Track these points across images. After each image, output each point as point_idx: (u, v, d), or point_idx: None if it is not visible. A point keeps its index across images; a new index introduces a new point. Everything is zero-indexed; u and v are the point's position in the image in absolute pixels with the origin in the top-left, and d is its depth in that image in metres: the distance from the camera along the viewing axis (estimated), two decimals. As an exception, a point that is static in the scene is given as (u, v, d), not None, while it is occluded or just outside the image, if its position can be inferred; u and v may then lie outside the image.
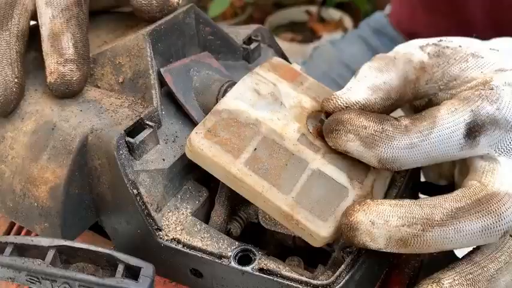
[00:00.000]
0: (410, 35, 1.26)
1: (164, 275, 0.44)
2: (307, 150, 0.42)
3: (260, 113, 0.43)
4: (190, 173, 0.44)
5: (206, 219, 0.44)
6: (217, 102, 0.44)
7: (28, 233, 0.50)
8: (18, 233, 0.50)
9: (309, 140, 0.43)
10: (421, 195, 0.53)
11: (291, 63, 0.59)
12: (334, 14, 2.46)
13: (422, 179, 0.53)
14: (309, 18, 2.46)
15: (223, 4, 2.09)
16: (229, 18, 2.41)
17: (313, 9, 2.47)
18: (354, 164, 0.42)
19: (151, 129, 0.41)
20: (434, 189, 0.51)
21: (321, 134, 0.44)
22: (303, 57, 1.70)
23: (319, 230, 0.39)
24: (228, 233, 0.44)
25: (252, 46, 0.54)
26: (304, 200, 0.39)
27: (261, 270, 0.39)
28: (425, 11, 1.19)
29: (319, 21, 2.44)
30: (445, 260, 0.45)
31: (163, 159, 0.42)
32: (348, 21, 2.40)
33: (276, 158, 0.41)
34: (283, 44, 2.16)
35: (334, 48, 1.35)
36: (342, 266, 0.39)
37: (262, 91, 0.44)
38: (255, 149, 0.41)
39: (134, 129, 0.41)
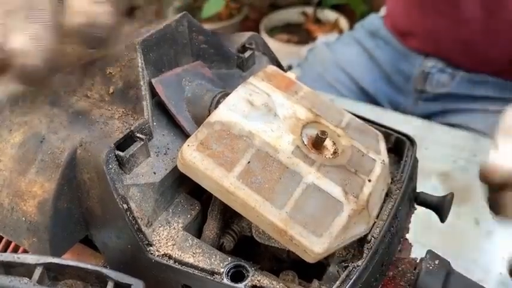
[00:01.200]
0: (404, 36, 1.25)
1: (155, 291, 0.43)
2: (301, 164, 0.41)
3: (253, 124, 0.42)
4: (182, 186, 0.44)
5: (198, 233, 0.43)
6: (209, 113, 0.43)
7: (17, 247, 0.49)
8: (6, 246, 0.49)
9: (303, 152, 0.42)
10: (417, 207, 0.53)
11: (285, 71, 0.58)
12: (330, 15, 2.45)
13: (418, 190, 0.53)
14: (305, 19, 2.45)
15: (217, 5, 2.08)
16: (224, 19, 2.40)
17: (309, 10, 2.46)
18: (350, 178, 0.42)
19: (142, 142, 0.40)
20: (430, 202, 0.51)
21: (315, 146, 0.43)
22: (298, 59, 1.69)
23: (313, 246, 0.38)
24: (220, 247, 0.43)
25: (246, 54, 0.53)
26: (298, 215, 0.39)
27: (253, 287, 0.38)
28: (421, 11, 1.18)
29: (314, 23, 2.43)
30: (441, 272, 0.44)
31: (154, 173, 0.41)
32: (343, 23, 2.39)
33: (270, 171, 0.40)
34: (279, 45, 2.15)
35: (329, 50, 1.35)
36: (338, 281, 0.38)
37: (255, 102, 0.44)
38: (248, 162, 0.40)
39: (124, 142, 0.40)
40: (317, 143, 0.43)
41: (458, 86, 1.18)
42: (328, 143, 0.44)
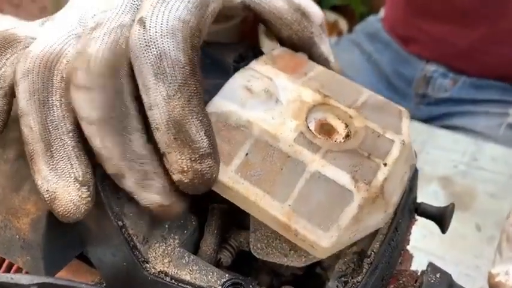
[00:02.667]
0: (404, 40, 1.25)
1: (152, 307, 0.42)
2: (305, 151, 0.38)
3: (252, 113, 0.39)
4: (179, 201, 0.43)
5: (195, 249, 0.43)
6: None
7: (10, 265, 0.48)
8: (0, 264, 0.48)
9: (307, 138, 0.38)
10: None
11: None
12: (329, 16, 2.44)
13: (419, 195, 0.52)
14: (304, 20, 2.44)
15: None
16: (222, 21, 2.39)
17: (308, 11, 2.45)
18: (361, 163, 0.38)
19: (137, 158, 0.39)
20: (430, 213, 0.50)
21: (322, 131, 0.40)
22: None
23: (320, 240, 0.36)
24: (218, 262, 0.43)
25: (243, 64, 0.52)
26: (303, 207, 0.36)
27: (251, 305, 0.37)
28: (423, 19, 1.18)
29: (314, 24, 2.42)
30: (442, 286, 0.43)
31: (150, 189, 0.40)
32: (343, 24, 2.38)
33: (270, 162, 0.37)
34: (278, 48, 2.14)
35: None
36: (337, 299, 0.37)
37: (254, 88, 0.41)
38: (247, 154, 0.37)
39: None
40: (323, 128, 0.40)
41: (460, 91, 1.17)
42: (338, 126, 0.41)
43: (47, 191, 0.35)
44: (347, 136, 0.40)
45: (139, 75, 0.32)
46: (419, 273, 0.46)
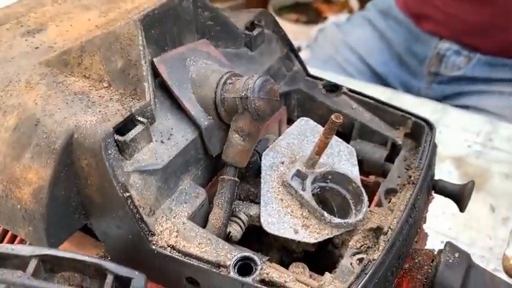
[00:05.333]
0: (418, 18, 1.20)
1: (159, 282, 0.41)
2: None
3: None
4: (187, 173, 0.41)
5: (204, 223, 0.41)
6: (215, 95, 0.41)
7: (14, 238, 0.47)
8: (2, 237, 0.47)
9: None
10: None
11: (296, 50, 0.55)
12: (340, -7, 2.38)
13: (436, 177, 0.50)
14: (314, -2, 2.39)
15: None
16: (230, -2, 2.35)
17: (319, -11, 2.40)
18: None
19: (144, 126, 0.37)
20: (449, 190, 0.48)
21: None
22: (307, 39, 1.65)
23: None
24: (227, 237, 0.41)
25: (255, 32, 0.49)
26: None
27: (262, 281, 0.35)
28: None
29: (324, 2, 2.37)
30: (461, 266, 0.41)
31: (157, 159, 0.38)
32: (354, 2, 2.33)
33: None
34: (288, 26, 2.10)
35: (339, 30, 1.30)
36: (352, 276, 0.36)
37: None
38: None
39: (124, 126, 0.37)
40: None
41: (474, 69, 1.13)
42: None
43: None
44: None
45: None
46: (435, 252, 0.45)
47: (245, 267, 0.36)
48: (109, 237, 0.40)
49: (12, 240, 0.48)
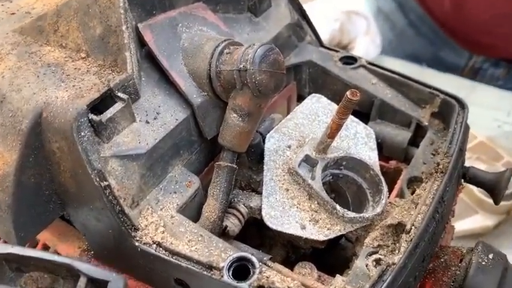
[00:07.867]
0: (444, 26, 1.07)
1: (144, 281, 0.36)
2: None
3: None
4: (178, 158, 0.36)
5: (197, 216, 0.36)
6: (210, 67, 0.35)
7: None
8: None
9: None
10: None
11: (308, 17, 0.48)
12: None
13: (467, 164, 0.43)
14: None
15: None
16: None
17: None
18: None
19: (124, 103, 0.32)
20: (482, 179, 0.42)
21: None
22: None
23: None
24: (223, 231, 0.36)
25: (258, -3, 0.43)
26: None
27: (260, 287, 0.30)
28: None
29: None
30: (496, 270, 0.36)
31: (140, 142, 0.33)
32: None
33: None
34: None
35: None
36: (368, 284, 0.30)
37: None
38: None
39: (101, 103, 0.32)
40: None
41: None
42: None
43: None
44: None
45: None
46: (464, 251, 0.39)
47: (241, 269, 0.31)
48: (89, 230, 0.35)
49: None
